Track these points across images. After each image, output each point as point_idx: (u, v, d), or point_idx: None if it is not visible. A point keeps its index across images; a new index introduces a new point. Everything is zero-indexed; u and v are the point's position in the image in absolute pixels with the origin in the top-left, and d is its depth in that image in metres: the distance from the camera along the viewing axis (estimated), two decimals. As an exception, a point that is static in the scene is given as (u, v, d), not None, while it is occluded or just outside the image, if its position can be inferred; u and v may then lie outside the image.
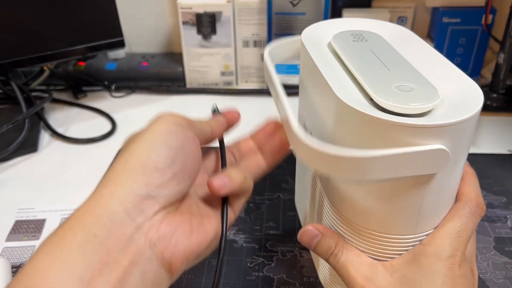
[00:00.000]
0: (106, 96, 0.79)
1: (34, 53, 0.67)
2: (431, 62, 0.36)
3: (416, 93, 0.30)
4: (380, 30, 0.40)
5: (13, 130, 0.63)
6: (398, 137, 0.28)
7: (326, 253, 0.33)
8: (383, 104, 0.29)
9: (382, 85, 0.31)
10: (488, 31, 0.73)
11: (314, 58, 0.35)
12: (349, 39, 0.37)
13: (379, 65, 0.33)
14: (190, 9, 0.74)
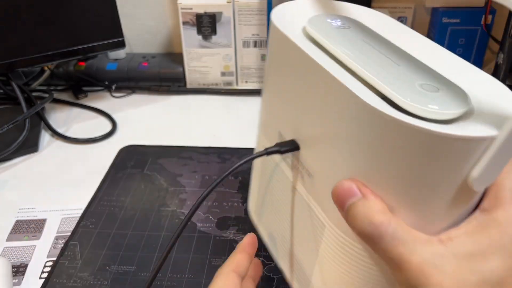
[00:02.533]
0: (106, 96, 0.79)
1: (34, 53, 0.67)
2: (436, 55, 0.31)
3: (444, 94, 0.24)
4: (355, 14, 0.34)
5: (14, 130, 0.63)
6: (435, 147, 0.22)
7: (364, 220, 0.25)
8: (413, 108, 0.23)
9: (403, 84, 0.25)
10: (487, 31, 0.73)
11: (303, 49, 0.29)
12: (328, 25, 0.31)
13: (384, 59, 0.27)
14: (190, 10, 0.74)
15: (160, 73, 0.80)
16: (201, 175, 0.59)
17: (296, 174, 0.33)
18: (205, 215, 0.53)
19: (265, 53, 0.78)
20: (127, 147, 0.65)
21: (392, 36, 0.32)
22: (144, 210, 0.54)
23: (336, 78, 0.26)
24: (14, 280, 0.46)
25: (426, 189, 0.24)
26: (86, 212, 0.53)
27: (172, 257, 0.48)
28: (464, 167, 0.23)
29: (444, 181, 0.24)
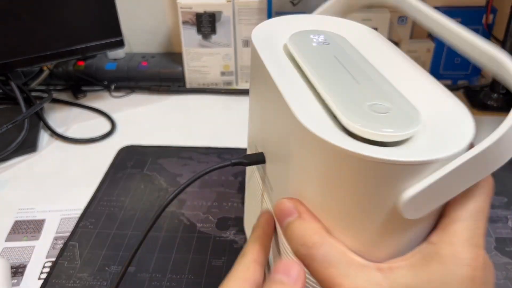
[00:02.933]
0: (105, 96, 0.79)
1: (33, 53, 0.67)
2: (407, 74, 0.30)
3: (393, 115, 0.24)
4: (344, 30, 0.35)
5: (13, 130, 0.63)
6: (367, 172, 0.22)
7: (298, 241, 0.25)
8: (353, 129, 0.23)
9: (352, 103, 0.25)
10: (488, 31, 0.73)
11: (266, 64, 0.29)
12: (308, 41, 0.32)
13: (346, 77, 0.28)
14: (190, 9, 0.74)
15: (160, 72, 0.80)
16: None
17: (264, 186, 0.34)
18: (204, 215, 0.53)
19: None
20: (127, 147, 0.65)
21: (371, 53, 0.32)
22: (144, 210, 0.53)
23: (283, 96, 0.26)
24: (13, 281, 0.46)
25: (360, 213, 0.24)
26: (85, 212, 0.53)
27: (172, 257, 0.47)
28: (393, 192, 0.23)
29: (375, 206, 0.23)
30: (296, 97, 0.26)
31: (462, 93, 0.75)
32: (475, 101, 0.73)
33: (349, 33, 0.34)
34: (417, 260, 0.23)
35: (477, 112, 0.70)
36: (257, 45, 0.32)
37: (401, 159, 0.21)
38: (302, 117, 0.24)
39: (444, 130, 0.24)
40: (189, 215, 0.53)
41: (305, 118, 0.24)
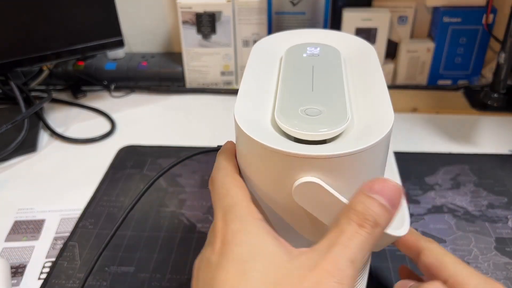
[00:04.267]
0: (105, 96, 0.79)
1: (33, 53, 0.67)
2: (368, 86, 0.34)
3: (321, 118, 0.29)
4: (345, 44, 0.39)
5: (13, 130, 0.63)
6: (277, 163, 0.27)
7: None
8: (281, 126, 0.28)
9: (290, 106, 0.30)
10: (488, 30, 0.73)
11: (248, 64, 0.35)
12: (301, 52, 0.36)
13: (307, 84, 0.32)
14: (190, 9, 0.74)
15: (160, 72, 0.80)
16: (201, 176, 0.59)
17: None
18: (204, 215, 0.52)
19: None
20: (126, 147, 0.65)
21: (353, 68, 0.36)
22: (144, 210, 0.53)
23: (240, 86, 0.32)
24: (13, 281, 0.46)
25: (270, 188, 0.29)
26: (85, 213, 0.53)
27: (172, 258, 0.47)
28: (290, 178, 0.27)
29: (278, 187, 0.28)
30: (248, 96, 0.32)
31: (462, 93, 0.75)
32: (475, 101, 0.72)
33: (348, 48, 0.38)
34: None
35: (477, 112, 0.70)
36: (252, 54, 0.36)
37: (293, 151, 0.26)
38: (237, 111, 0.30)
39: (364, 133, 0.28)
40: (189, 215, 0.53)
41: (239, 113, 0.30)
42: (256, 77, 0.35)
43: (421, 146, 0.63)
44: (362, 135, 0.28)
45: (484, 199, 0.54)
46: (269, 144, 0.27)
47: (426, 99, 0.73)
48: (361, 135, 0.28)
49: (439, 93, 0.75)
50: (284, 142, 0.28)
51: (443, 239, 0.48)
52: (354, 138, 0.28)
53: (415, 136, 0.66)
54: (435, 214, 0.52)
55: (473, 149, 0.63)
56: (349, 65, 0.36)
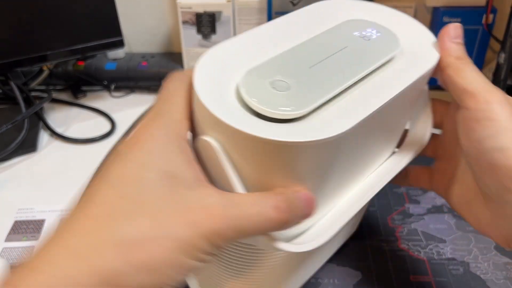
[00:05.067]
0: (105, 96, 0.79)
1: (33, 53, 0.67)
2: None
3: (287, 95, 0.27)
4: (406, 31, 0.36)
5: (13, 130, 0.63)
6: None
7: (465, 54, 0.33)
8: (245, 100, 0.26)
9: (262, 73, 0.28)
10: (488, 31, 0.73)
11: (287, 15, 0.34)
12: (354, 29, 0.34)
13: (311, 60, 0.30)
14: (190, 9, 0.74)
15: (160, 72, 0.80)
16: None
17: None
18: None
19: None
20: (127, 147, 0.65)
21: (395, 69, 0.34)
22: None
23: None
24: (13, 281, 0.46)
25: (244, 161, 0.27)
26: (85, 213, 0.53)
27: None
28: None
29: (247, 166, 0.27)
30: (233, 47, 0.31)
31: (462, 93, 0.75)
32: (475, 101, 0.73)
33: (405, 34, 0.36)
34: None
35: (477, 112, 0.70)
36: (309, 9, 0.36)
37: (260, 135, 0.24)
38: (201, 67, 0.28)
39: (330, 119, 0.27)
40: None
41: (203, 68, 0.28)
42: (271, 32, 0.33)
43: (421, 146, 0.63)
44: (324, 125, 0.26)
45: (484, 199, 0.54)
46: (216, 113, 0.25)
47: (426, 99, 0.73)
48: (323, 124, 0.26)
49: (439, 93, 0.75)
50: (237, 111, 0.26)
51: (443, 239, 0.48)
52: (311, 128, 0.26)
53: (415, 136, 0.66)
54: (435, 214, 0.52)
55: (473, 149, 0.63)
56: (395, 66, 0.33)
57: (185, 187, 0.25)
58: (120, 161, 0.25)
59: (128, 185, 0.24)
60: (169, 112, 0.27)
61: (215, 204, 0.24)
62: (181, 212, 0.24)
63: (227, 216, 0.24)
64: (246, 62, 0.29)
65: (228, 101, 0.27)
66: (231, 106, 0.26)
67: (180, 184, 0.25)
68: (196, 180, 0.26)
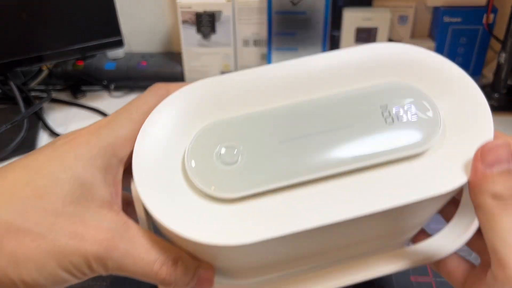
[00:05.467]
0: (105, 95, 0.79)
1: (32, 53, 0.67)
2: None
3: (230, 171, 0.24)
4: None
5: (12, 130, 0.63)
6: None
7: (509, 190, 0.23)
8: (190, 175, 0.24)
9: (214, 136, 0.25)
10: (489, 30, 0.73)
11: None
12: (379, 102, 0.26)
13: (291, 132, 0.25)
14: (190, 8, 0.74)
15: (159, 72, 0.80)
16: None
17: None
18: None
19: (265, 52, 0.77)
20: (126, 147, 0.65)
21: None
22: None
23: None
24: (12, 282, 0.45)
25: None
26: (84, 213, 0.53)
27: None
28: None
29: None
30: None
31: (462, 93, 0.75)
32: (476, 101, 0.72)
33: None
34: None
35: (477, 112, 0.70)
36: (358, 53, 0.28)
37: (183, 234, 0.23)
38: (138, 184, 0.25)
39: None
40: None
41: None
42: (279, 75, 0.27)
43: (421, 146, 0.63)
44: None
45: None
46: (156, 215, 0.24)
47: (427, 99, 0.73)
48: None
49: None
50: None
51: (443, 240, 0.48)
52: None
53: (416, 136, 0.65)
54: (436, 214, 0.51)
55: (473, 149, 0.62)
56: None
57: (93, 203, 0.24)
58: (47, 152, 0.25)
59: (40, 177, 0.24)
60: (120, 128, 0.27)
61: (109, 230, 0.24)
62: (74, 222, 0.23)
63: (113, 246, 0.24)
64: (219, 111, 0.26)
65: (170, 166, 0.25)
66: (167, 178, 0.25)
67: (89, 198, 0.24)
68: (107, 202, 0.25)
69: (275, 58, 0.76)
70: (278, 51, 0.76)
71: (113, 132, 0.26)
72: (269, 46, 0.75)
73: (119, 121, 0.27)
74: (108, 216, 0.25)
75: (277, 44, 0.75)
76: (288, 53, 0.76)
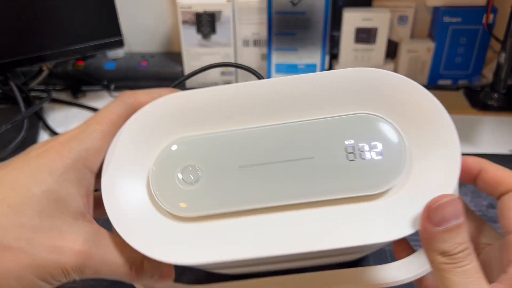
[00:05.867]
0: (105, 96, 0.79)
1: (33, 53, 0.67)
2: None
3: (195, 190, 0.25)
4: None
5: (12, 130, 0.63)
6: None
7: (457, 247, 0.23)
8: (152, 192, 0.26)
9: (172, 161, 0.26)
10: (489, 30, 0.73)
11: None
12: (347, 132, 0.26)
13: (248, 158, 0.25)
14: (190, 9, 0.74)
15: (159, 72, 0.80)
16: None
17: None
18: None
19: (265, 53, 0.77)
20: (126, 147, 0.65)
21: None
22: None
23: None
24: (12, 282, 0.45)
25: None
26: (84, 213, 0.53)
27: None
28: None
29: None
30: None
31: (462, 92, 0.75)
32: (476, 101, 0.72)
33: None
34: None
35: (477, 112, 0.70)
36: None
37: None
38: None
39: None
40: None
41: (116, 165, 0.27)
42: (251, 95, 0.27)
43: (421, 146, 0.63)
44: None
45: (484, 199, 0.53)
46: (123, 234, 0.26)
47: (426, 99, 0.73)
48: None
49: (439, 93, 0.75)
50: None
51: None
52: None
53: (415, 136, 0.66)
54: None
55: (473, 149, 0.63)
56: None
57: (68, 215, 0.26)
58: (21, 165, 0.26)
59: (16, 194, 0.25)
60: (90, 140, 0.27)
61: (85, 241, 0.26)
62: (52, 236, 0.25)
63: (89, 256, 0.26)
64: (184, 129, 0.27)
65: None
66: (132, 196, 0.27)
67: (64, 211, 0.26)
68: (81, 213, 0.27)
69: (275, 58, 0.76)
70: (278, 51, 0.76)
71: (83, 145, 0.27)
72: (269, 46, 0.75)
73: (88, 133, 0.27)
74: (82, 226, 0.26)
75: (277, 44, 0.75)
76: (288, 53, 0.76)
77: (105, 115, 0.28)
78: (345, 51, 0.76)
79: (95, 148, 0.27)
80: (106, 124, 0.28)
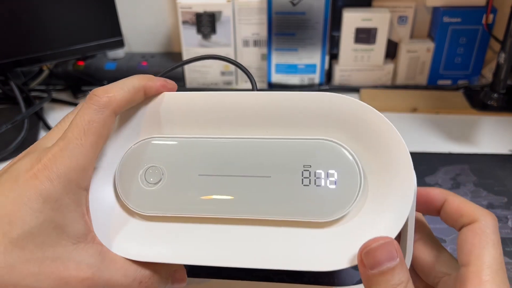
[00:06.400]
0: (105, 96, 0.79)
1: (33, 53, 0.67)
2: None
3: (155, 191, 0.27)
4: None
5: (12, 130, 0.63)
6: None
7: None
8: (117, 187, 0.28)
9: (138, 160, 0.27)
10: (488, 30, 0.73)
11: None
12: (305, 157, 0.26)
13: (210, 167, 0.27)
14: (190, 9, 0.74)
15: (160, 72, 0.80)
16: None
17: None
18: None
19: (265, 53, 0.77)
20: (126, 147, 0.65)
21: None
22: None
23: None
24: (13, 281, 0.45)
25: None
26: (85, 213, 0.53)
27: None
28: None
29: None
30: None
31: (462, 93, 0.75)
32: (475, 101, 0.72)
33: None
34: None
35: (477, 112, 0.70)
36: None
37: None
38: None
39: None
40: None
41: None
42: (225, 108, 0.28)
43: (421, 146, 0.63)
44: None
45: (484, 199, 0.54)
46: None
47: (426, 99, 0.73)
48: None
49: (439, 93, 0.75)
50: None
51: (443, 239, 0.48)
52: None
53: (415, 136, 0.66)
54: (435, 214, 0.52)
55: (473, 149, 0.63)
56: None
57: (69, 240, 0.25)
58: (12, 195, 0.25)
59: (15, 229, 0.24)
60: (76, 157, 0.26)
61: (89, 266, 0.26)
62: (56, 267, 0.25)
63: (95, 281, 0.25)
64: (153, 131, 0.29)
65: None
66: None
67: (65, 237, 0.25)
68: (82, 235, 0.26)
69: (275, 58, 0.76)
70: (278, 52, 0.76)
71: (70, 164, 0.25)
72: (269, 46, 0.76)
73: (71, 150, 0.26)
74: (84, 250, 0.26)
75: (277, 44, 0.75)
76: (288, 53, 0.76)
77: (81, 124, 0.27)
78: (345, 51, 0.76)
79: (82, 166, 0.26)
80: (85, 136, 0.26)
